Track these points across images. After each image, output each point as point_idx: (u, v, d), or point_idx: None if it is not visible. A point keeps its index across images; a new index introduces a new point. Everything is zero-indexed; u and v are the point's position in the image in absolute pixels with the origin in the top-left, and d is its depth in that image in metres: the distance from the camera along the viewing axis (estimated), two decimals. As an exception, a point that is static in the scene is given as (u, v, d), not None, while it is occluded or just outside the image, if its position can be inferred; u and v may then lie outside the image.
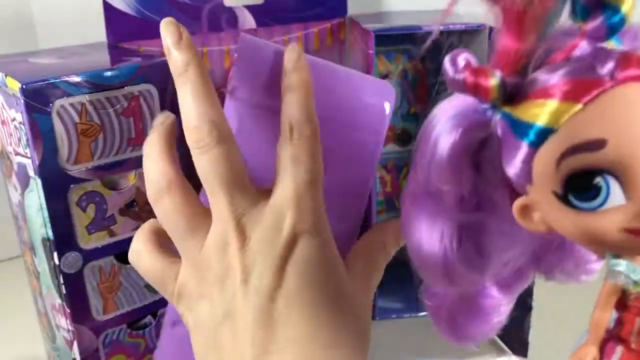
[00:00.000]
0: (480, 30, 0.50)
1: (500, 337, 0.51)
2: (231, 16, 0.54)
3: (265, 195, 0.28)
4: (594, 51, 0.21)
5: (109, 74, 0.39)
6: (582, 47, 0.21)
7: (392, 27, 0.52)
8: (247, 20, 0.55)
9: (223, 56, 0.55)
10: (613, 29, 0.20)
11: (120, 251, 0.43)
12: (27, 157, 0.39)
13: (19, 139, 0.39)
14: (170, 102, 0.42)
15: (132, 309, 0.45)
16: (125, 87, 0.40)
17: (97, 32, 0.50)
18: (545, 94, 0.21)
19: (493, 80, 0.21)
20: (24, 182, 0.41)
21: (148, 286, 0.45)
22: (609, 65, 0.20)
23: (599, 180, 0.20)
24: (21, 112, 0.37)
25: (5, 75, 0.38)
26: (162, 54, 0.51)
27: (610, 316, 0.23)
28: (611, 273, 0.23)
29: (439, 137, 0.23)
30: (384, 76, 0.59)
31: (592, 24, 0.21)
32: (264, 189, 0.29)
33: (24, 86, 0.36)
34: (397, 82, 0.59)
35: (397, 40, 0.57)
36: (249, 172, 0.29)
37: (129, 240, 0.43)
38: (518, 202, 0.23)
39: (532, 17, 0.21)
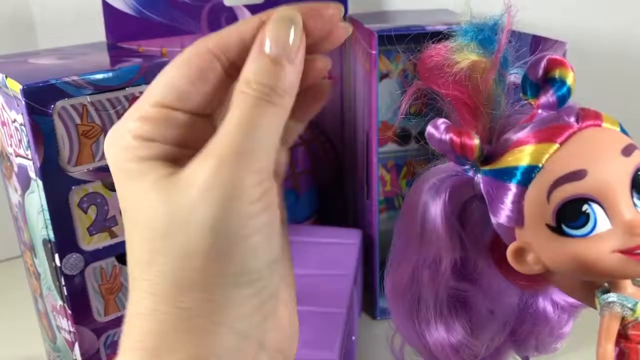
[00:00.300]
0: (481, 30, 0.50)
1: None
2: (231, 16, 0.54)
3: None
4: (554, 111, 0.25)
5: (110, 75, 0.39)
6: (540, 114, 0.25)
7: (394, 27, 0.52)
8: (247, 20, 0.55)
9: (223, 56, 0.55)
10: (563, 99, 0.25)
11: (121, 252, 0.43)
12: (28, 158, 0.38)
13: (20, 141, 0.39)
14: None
15: (133, 310, 0.45)
16: (126, 88, 0.40)
17: (97, 32, 0.50)
18: (521, 143, 0.24)
19: (475, 140, 0.25)
20: (25, 184, 0.40)
21: (149, 287, 0.45)
22: (572, 116, 0.24)
23: (586, 207, 0.23)
24: (22, 114, 0.37)
25: (6, 77, 0.38)
26: (162, 54, 0.51)
27: (614, 349, 0.23)
28: (606, 306, 0.24)
29: (428, 201, 0.27)
30: (384, 75, 0.59)
31: (544, 98, 0.25)
32: None
33: (25, 87, 0.36)
34: (397, 81, 0.59)
35: (398, 39, 0.57)
36: None
37: (130, 241, 0.43)
38: (512, 247, 0.25)
39: (477, 103, 0.25)
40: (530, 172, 0.23)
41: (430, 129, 0.25)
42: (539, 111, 0.25)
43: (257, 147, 0.22)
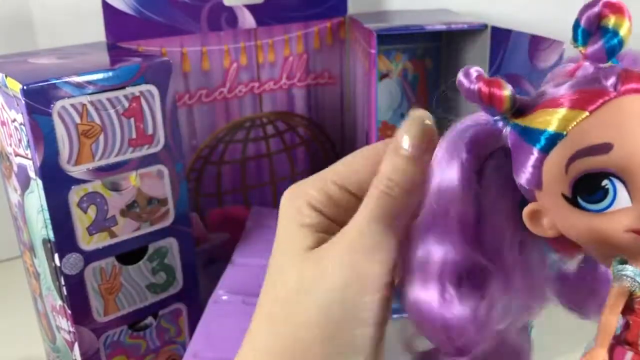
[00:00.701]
0: (482, 30, 0.50)
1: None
2: (231, 16, 0.54)
3: None
4: (596, 68, 0.23)
5: (109, 74, 0.39)
6: (585, 67, 0.23)
7: (394, 26, 0.52)
8: (247, 20, 0.55)
9: (223, 56, 0.55)
10: (612, 51, 0.22)
11: (121, 252, 0.43)
12: (27, 158, 0.38)
13: (20, 140, 0.39)
14: (171, 103, 0.42)
15: (132, 310, 0.45)
16: (126, 88, 0.40)
17: (97, 32, 0.50)
18: (555, 103, 0.22)
19: (506, 91, 0.23)
20: (24, 183, 0.40)
21: (149, 287, 0.45)
22: (612, 79, 0.22)
23: (606, 182, 0.21)
24: (22, 113, 0.37)
25: (6, 76, 0.38)
26: (162, 54, 0.51)
27: (618, 320, 0.23)
28: (617, 278, 0.23)
29: (447, 148, 0.25)
30: (384, 75, 0.59)
31: (592, 47, 0.23)
32: None
33: (24, 87, 0.36)
34: (396, 81, 0.59)
35: (398, 39, 0.57)
36: None
37: (129, 241, 0.43)
38: (528, 208, 0.24)
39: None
40: (554, 139, 0.22)
41: (460, 76, 0.24)
42: (586, 62, 0.23)
43: (381, 240, 0.24)
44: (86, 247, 0.41)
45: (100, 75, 0.39)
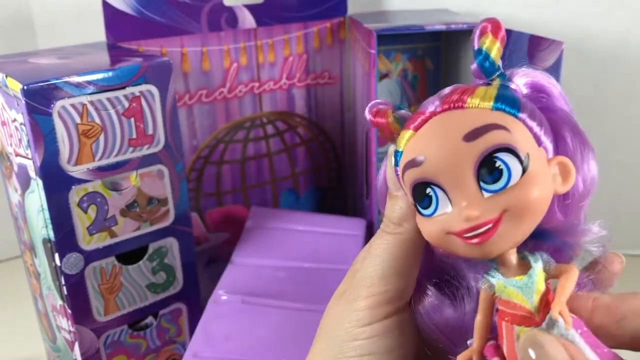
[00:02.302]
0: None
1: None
2: (231, 16, 0.54)
3: None
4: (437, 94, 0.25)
5: (110, 74, 0.39)
6: (473, 82, 0.25)
7: (394, 27, 0.52)
8: (247, 20, 0.55)
9: (223, 56, 0.55)
10: (486, 71, 0.25)
11: (121, 252, 0.43)
12: (28, 158, 0.38)
13: (20, 140, 0.39)
14: (171, 103, 0.42)
15: (133, 310, 0.45)
16: (127, 88, 0.40)
17: (97, 32, 0.50)
18: (405, 127, 0.25)
19: (389, 118, 0.26)
20: (25, 183, 0.40)
21: (149, 287, 0.45)
22: (436, 101, 0.24)
23: (429, 190, 0.24)
24: (22, 113, 0.37)
25: (6, 76, 0.38)
26: (162, 54, 0.51)
27: (491, 322, 0.24)
28: (482, 281, 0.24)
29: (382, 170, 0.29)
30: (384, 75, 0.59)
31: (473, 66, 0.25)
32: None
33: (25, 87, 0.36)
34: (396, 81, 0.59)
35: (398, 39, 0.57)
36: None
37: (129, 241, 0.43)
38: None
39: None
40: (398, 157, 0.25)
41: (365, 111, 0.27)
42: (476, 80, 0.25)
43: (371, 274, 0.27)
44: (86, 246, 0.41)
45: (100, 75, 0.39)
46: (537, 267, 0.23)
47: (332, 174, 0.65)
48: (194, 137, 0.56)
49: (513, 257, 0.24)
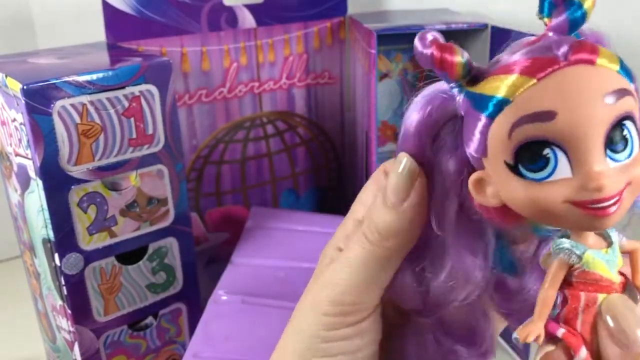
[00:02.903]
0: (482, 30, 0.50)
1: (502, 336, 0.51)
2: (231, 16, 0.54)
3: None
4: (553, 38, 0.22)
5: (109, 74, 0.39)
6: (546, 38, 0.23)
7: (394, 26, 0.52)
8: (247, 20, 0.55)
9: (223, 55, 0.55)
10: (575, 23, 0.22)
11: (121, 252, 0.43)
12: (27, 158, 0.38)
13: (20, 140, 0.39)
14: (171, 103, 0.42)
15: (133, 310, 0.45)
16: (126, 87, 0.40)
17: (97, 32, 0.50)
18: (506, 70, 0.22)
19: (458, 57, 0.23)
20: (25, 183, 0.40)
21: (149, 287, 0.45)
22: (564, 48, 0.21)
23: (547, 151, 0.21)
24: (22, 113, 0.37)
25: (6, 76, 0.38)
26: (162, 54, 0.51)
27: (556, 295, 0.23)
28: (555, 252, 0.23)
29: (410, 114, 0.25)
30: (384, 75, 0.59)
31: (556, 19, 0.22)
32: None
33: (24, 87, 0.36)
34: (397, 81, 0.59)
35: (398, 39, 0.57)
36: None
37: (129, 241, 0.43)
38: (474, 176, 0.23)
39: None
40: (501, 105, 0.22)
41: (416, 40, 0.24)
42: (550, 33, 0.23)
43: (345, 279, 0.25)
44: (86, 247, 0.41)
45: (100, 75, 0.39)
46: (617, 240, 0.23)
47: (332, 174, 0.65)
48: (194, 137, 0.55)
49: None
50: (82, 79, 0.38)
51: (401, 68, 0.59)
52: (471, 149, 0.23)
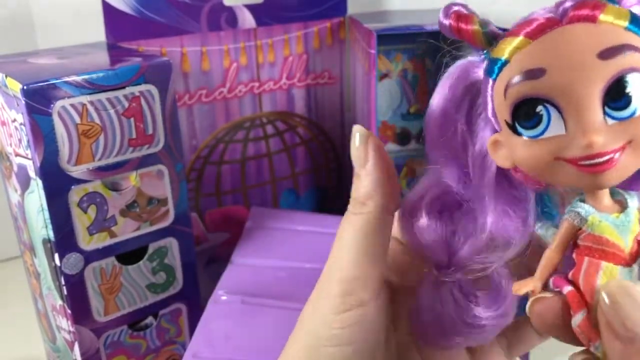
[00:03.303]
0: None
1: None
2: (231, 16, 0.54)
3: None
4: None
5: (109, 74, 0.39)
6: None
7: (394, 26, 0.52)
8: (247, 20, 0.55)
9: (223, 55, 0.55)
10: None
11: (121, 252, 0.43)
12: (27, 158, 0.38)
13: (19, 140, 0.39)
14: (171, 103, 0.42)
15: (133, 310, 0.45)
16: (126, 88, 0.40)
17: (97, 32, 0.50)
18: (513, 33, 0.22)
19: (475, 26, 0.23)
20: (24, 183, 0.40)
21: (149, 287, 0.45)
22: (566, 5, 0.21)
23: (540, 109, 0.21)
24: (22, 113, 0.37)
25: (6, 76, 0.38)
26: (162, 54, 0.51)
27: (561, 259, 0.23)
28: (566, 214, 0.23)
29: (440, 84, 0.26)
30: (384, 75, 0.59)
31: None
32: None
33: (24, 87, 0.36)
34: (396, 81, 0.59)
35: (397, 39, 0.57)
36: None
37: (129, 241, 0.43)
38: (490, 138, 0.24)
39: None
40: (501, 67, 0.22)
41: (440, 12, 0.24)
42: None
43: (341, 257, 0.26)
44: (86, 247, 0.41)
45: (100, 75, 0.39)
46: (634, 206, 0.22)
47: (332, 174, 0.65)
48: (194, 137, 0.56)
49: (607, 192, 0.22)
50: (82, 79, 0.38)
51: (401, 68, 0.59)
52: (488, 112, 0.24)
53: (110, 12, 0.48)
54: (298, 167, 0.62)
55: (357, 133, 0.28)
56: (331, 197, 0.66)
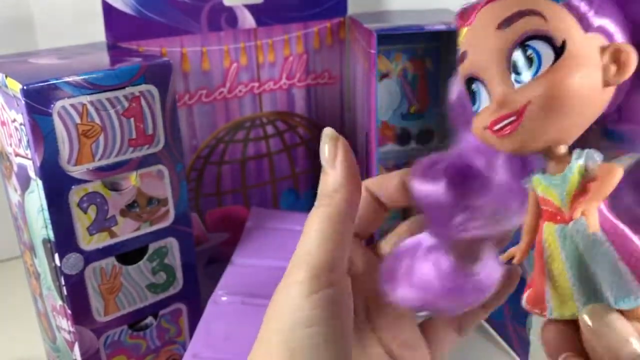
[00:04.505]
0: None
1: (501, 335, 0.51)
2: (231, 16, 0.54)
3: None
4: None
5: (109, 74, 0.39)
6: None
7: (394, 26, 0.52)
8: (247, 20, 0.55)
9: (223, 56, 0.55)
10: None
11: (121, 252, 0.43)
12: (27, 158, 0.38)
13: (20, 140, 0.39)
14: (171, 103, 0.42)
15: (133, 310, 0.45)
16: (126, 88, 0.40)
17: (97, 32, 0.50)
18: (461, 24, 0.25)
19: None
20: (25, 183, 0.40)
21: (149, 287, 0.45)
22: None
23: (474, 86, 0.23)
24: (22, 113, 0.37)
25: (6, 76, 0.38)
26: (162, 54, 0.51)
27: (537, 223, 0.24)
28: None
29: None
30: (384, 75, 0.59)
31: None
32: None
33: (24, 87, 0.36)
34: (396, 81, 0.59)
35: (397, 39, 0.57)
36: None
37: (129, 241, 0.43)
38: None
39: None
40: (460, 55, 0.24)
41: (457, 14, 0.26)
42: None
43: (309, 245, 0.27)
44: (86, 247, 0.41)
45: (100, 75, 0.39)
46: (575, 164, 0.22)
47: (332, 174, 0.65)
48: (194, 137, 0.56)
49: (559, 155, 0.23)
50: (82, 79, 0.38)
51: (401, 68, 0.59)
52: None
53: (110, 12, 0.48)
54: (298, 167, 0.62)
55: (327, 136, 0.30)
56: (331, 197, 0.66)
